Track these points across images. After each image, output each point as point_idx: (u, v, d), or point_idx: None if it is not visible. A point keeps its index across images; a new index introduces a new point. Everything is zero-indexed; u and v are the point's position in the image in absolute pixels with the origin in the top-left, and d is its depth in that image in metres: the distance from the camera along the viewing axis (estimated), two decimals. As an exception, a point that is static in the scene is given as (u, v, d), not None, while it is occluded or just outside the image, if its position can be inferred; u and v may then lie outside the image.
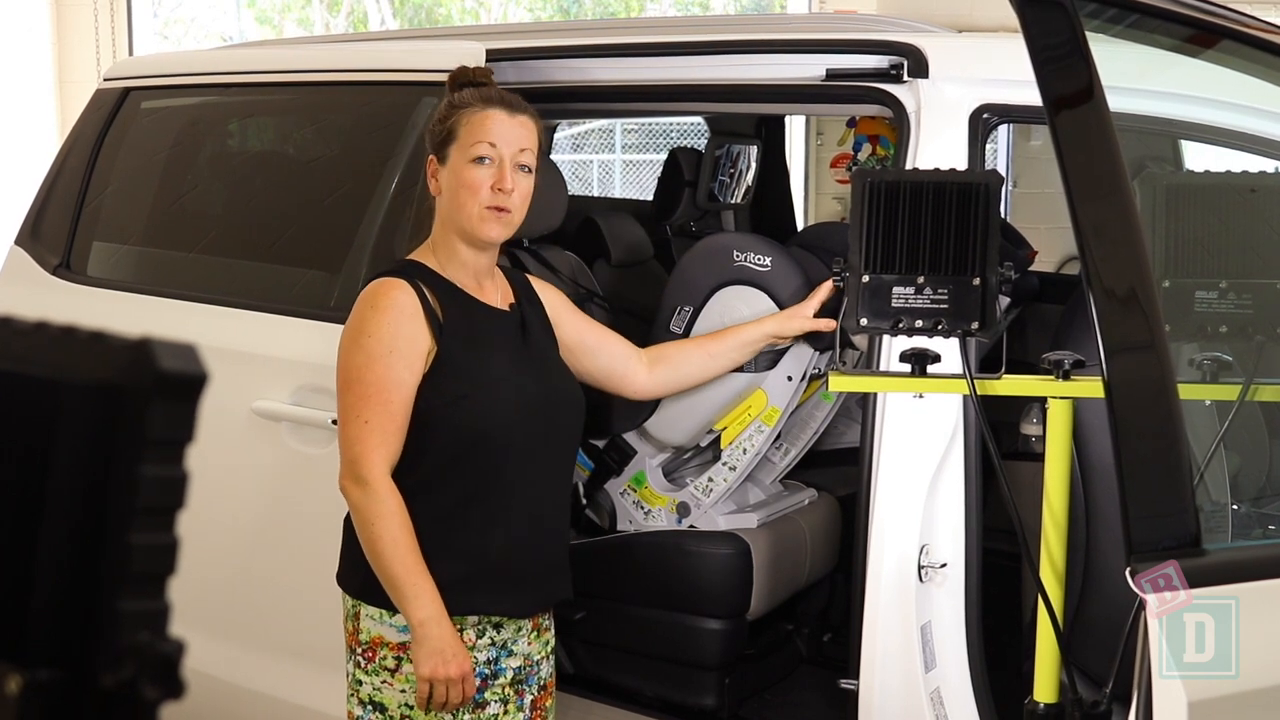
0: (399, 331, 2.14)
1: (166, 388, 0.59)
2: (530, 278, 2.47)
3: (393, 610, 2.15)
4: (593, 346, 2.47)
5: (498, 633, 2.22)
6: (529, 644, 2.28)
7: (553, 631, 2.36)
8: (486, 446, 2.18)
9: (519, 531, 2.21)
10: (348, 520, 2.26)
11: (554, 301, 2.44)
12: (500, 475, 2.19)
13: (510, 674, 2.25)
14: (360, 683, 2.20)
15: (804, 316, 2.59)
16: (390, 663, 2.17)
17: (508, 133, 2.20)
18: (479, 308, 2.25)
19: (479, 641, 2.21)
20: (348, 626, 2.23)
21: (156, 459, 0.60)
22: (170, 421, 0.60)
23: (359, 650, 2.20)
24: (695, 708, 2.91)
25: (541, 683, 2.32)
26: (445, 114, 2.23)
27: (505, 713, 2.24)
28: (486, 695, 2.22)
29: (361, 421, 2.11)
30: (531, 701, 2.29)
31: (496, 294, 2.30)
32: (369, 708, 2.20)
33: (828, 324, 2.56)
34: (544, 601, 2.31)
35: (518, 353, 2.27)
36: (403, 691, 2.17)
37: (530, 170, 2.25)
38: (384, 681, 2.18)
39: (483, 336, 2.23)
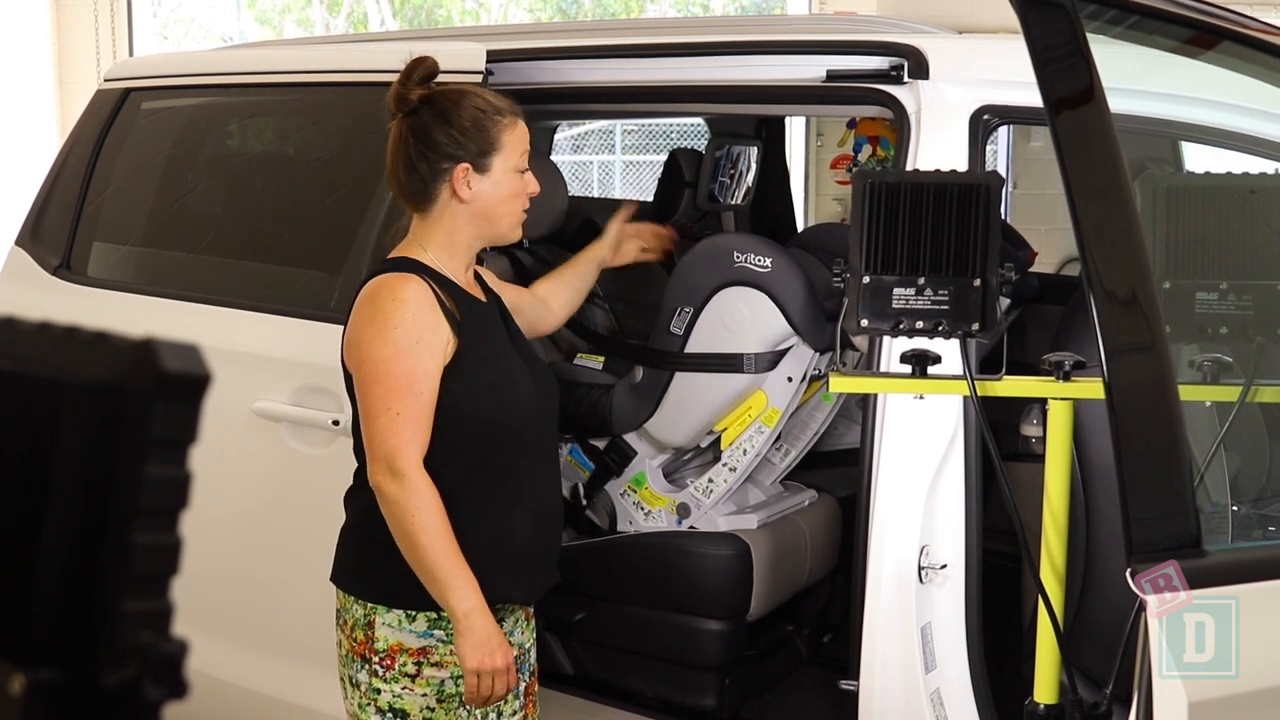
0: (423, 323, 2.14)
1: (170, 388, 0.59)
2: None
3: (412, 615, 2.16)
4: (518, 305, 2.51)
5: (501, 625, 2.23)
6: (522, 633, 2.32)
7: (533, 618, 2.39)
8: (512, 436, 2.21)
9: (534, 517, 2.26)
10: (350, 526, 2.26)
11: (493, 280, 2.47)
12: (521, 462, 2.24)
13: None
14: (378, 691, 2.18)
15: (633, 241, 2.86)
16: (410, 668, 2.17)
17: (528, 138, 2.31)
18: (476, 303, 2.28)
19: None
20: (356, 635, 2.20)
21: (159, 459, 0.60)
22: (173, 422, 0.60)
23: (375, 659, 2.18)
24: (696, 708, 2.91)
25: (531, 669, 2.36)
26: (478, 121, 2.23)
27: (505, 703, 2.27)
28: None
29: (393, 414, 2.10)
30: (524, 689, 2.33)
31: (476, 289, 2.34)
32: (389, 715, 2.18)
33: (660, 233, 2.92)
34: (546, 586, 2.34)
35: (510, 342, 2.32)
36: (424, 696, 2.17)
37: None
38: (404, 688, 2.17)
39: (488, 330, 2.27)
